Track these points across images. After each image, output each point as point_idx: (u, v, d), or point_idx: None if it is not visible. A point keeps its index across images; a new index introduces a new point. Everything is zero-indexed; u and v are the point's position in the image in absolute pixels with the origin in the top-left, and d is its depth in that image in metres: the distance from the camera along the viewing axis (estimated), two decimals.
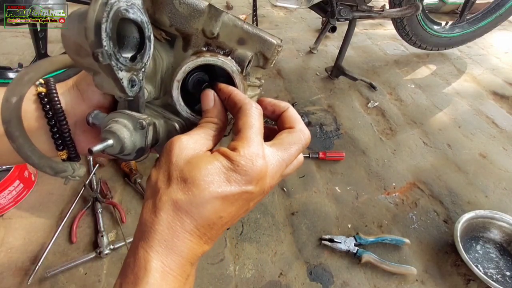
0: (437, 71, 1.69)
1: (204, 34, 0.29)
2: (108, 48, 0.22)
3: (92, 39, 0.21)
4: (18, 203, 0.89)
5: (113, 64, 0.23)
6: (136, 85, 0.26)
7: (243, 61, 0.30)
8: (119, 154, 0.29)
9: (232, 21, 0.29)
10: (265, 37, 0.30)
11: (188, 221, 0.24)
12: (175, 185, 0.24)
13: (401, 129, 1.29)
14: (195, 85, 0.32)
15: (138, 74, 0.26)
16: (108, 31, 0.22)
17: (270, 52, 0.31)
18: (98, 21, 0.21)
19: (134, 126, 0.28)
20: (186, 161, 0.25)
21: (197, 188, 0.24)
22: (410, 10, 1.35)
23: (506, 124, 1.35)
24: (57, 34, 1.67)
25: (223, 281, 0.78)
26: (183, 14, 0.28)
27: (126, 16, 0.23)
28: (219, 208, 0.25)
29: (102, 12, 0.21)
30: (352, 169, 1.10)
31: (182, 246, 0.24)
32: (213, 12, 0.28)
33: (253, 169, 0.25)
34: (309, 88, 1.49)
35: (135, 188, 0.96)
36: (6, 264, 0.77)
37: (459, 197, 1.03)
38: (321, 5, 1.30)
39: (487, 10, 1.69)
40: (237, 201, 0.25)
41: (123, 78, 0.24)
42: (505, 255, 0.88)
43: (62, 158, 0.32)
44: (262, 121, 0.28)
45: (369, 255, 0.82)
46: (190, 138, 0.27)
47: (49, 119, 0.30)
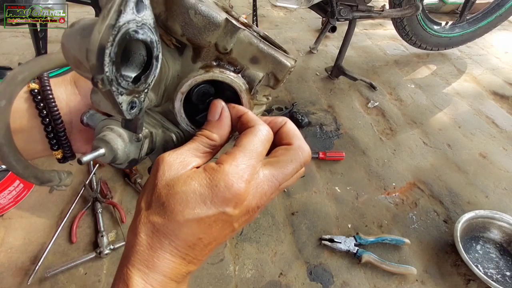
0: (437, 71, 1.69)
1: (217, 48, 0.28)
2: (109, 74, 0.20)
3: (94, 63, 0.20)
4: (18, 203, 0.89)
5: (113, 89, 0.21)
6: (136, 107, 0.24)
7: (253, 81, 0.29)
8: (111, 163, 0.28)
9: (248, 38, 0.28)
10: (280, 59, 0.29)
11: (167, 242, 0.24)
12: (153, 208, 0.24)
13: (401, 129, 1.29)
14: (199, 97, 0.30)
15: (139, 96, 0.24)
16: (112, 55, 0.20)
17: (282, 74, 0.29)
18: (102, 45, 0.19)
19: (129, 137, 0.27)
20: (165, 183, 0.24)
21: (172, 212, 0.23)
22: (410, 10, 1.35)
23: (506, 124, 1.35)
24: (57, 34, 1.67)
25: (223, 281, 0.78)
26: (197, 25, 0.26)
27: (134, 38, 0.21)
28: (196, 230, 0.24)
29: (108, 35, 0.19)
30: (352, 169, 1.10)
31: (163, 265, 0.24)
32: (230, 27, 0.26)
33: (230, 191, 0.23)
34: (309, 88, 1.49)
35: (135, 188, 0.96)
36: (6, 264, 0.77)
37: (459, 197, 1.03)
38: (321, 5, 1.30)
39: (487, 10, 1.69)
40: (215, 222, 0.24)
41: (122, 102, 0.22)
42: (505, 255, 0.88)
43: (57, 158, 0.31)
44: (267, 147, 0.27)
45: (369, 255, 0.82)
46: (177, 156, 0.25)
47: (43, 118, 0.29)
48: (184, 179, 0.24)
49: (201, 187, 0.23)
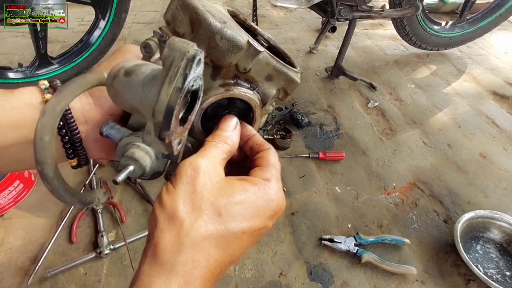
0: (437, 71, 1.69)
1: (237, 68, 0.29)
2: (173, 129, 0.21)
3: (160, 120, 0.20)
4: (18, 203, 0.89)
5: (172, 139, 0.22)
6: (182, 143, 0.25)
7: (267, 97, 0.31)
8: (138, 177, 0.29)
9: (266, 59, 0.29)
10: (292, 77, 0.31)
11: (215, 258, 0.23)
12: (206, 218, 0.23)
13: (401, 129, 1.29)
14: (214, 109, 0.32)
15: (185, 133, 0.26)
16: (177, 114, 0.21)
17: (292, 89, 0.32)
18: (171, 107, 0.20)
19: (156, 154, 0.28)
20: (215, 191, 0.24)
21: (231, 222, 0.23)
22: (410, 10, 1.35)
23: (506, 124, 1.35)
24: (57, 34, 1.67)
25: (223, 281, 0.78)
26: (221, 49, 0.27)
27: (191, 91, 0.22)
28: (245, 244, 0.24)
29: (176, 98, 0.20)
30: (352, 169, 1.10)
31: (199, 284, 0.22)
32: (252, 51, 0.28)
33: (278, 207, 0.25)
34: (309, 88, 1.48)
35: (135, 188, 0.96)
36: (6, 264, 0.77)
37: (459, 197, 1.03)
38: (321, 5, 1.30)
39: (487, 10, 1.69)
40: (257, 234, 0.25)
41: (175, 145, 0.23)
42: (505, 255, 0.88)
43: (72, 165, 0.32)
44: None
45: (369, 255, 0.82)
46: (209, 163, 0.25)
47: (60, 129, 0.29)
48: (239, 191, 0.24)
49: (258, 200, 0.24)
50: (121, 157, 0.28)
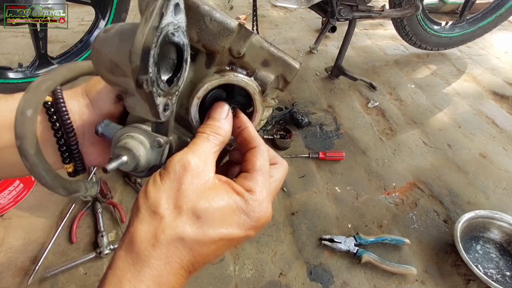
0: (437, 71, 1.69)
1: (231, 53, 0.29)
2: (152, 75, 0.20)
3: (137, 64, 0.20)
4: (18, 203, 0.89)
5: (153, 90, 0.21)
6: (169, 109, 0.25)
7: (265, 83, 0.30)
8: (132, 171, 0.28)
9: (260, 42, 0.29)
10: (289, 61, 0.30)
11: (188, 258, 0.23)
12: (185, 218, 0.23)
13: (401, 129, 1.29)
14: (212, 101, 0.31)
15: (172, 98, 0.25)
16: (155, 57, 0.20)
17: (291, 76, 0.31)
18: (147, 46, 0.19)
19: (151, 143, 0.27)
20: (199, 193, 0.24)
21: (209, 227, 0.23)
22: (410, 10, 1.35)
23: (506, 124, 1.35)
24: (57, 34, 1.67)
25: (223, 281, 0.78)
26: (212, 31, 0.27)
27: (171, 40, 0.21)
28: (221, 248, 0.24)
29: (152, 36, 0.19)
30: (352, 169, 1.10)
31: (174, 281, 0.23)
32: (243, 32, 0.28)
33: (262, 220, 0.25)
34: (309, 88, 1.49)
35: (135, 188, 0.96)
36: (6, 264, 0.77)
37: (459, 197, 1.03)
38: (321, 5, 1.30)
39: (487, 10, 1.69)
40: (236, 241, 0.25)
41: (159, 104, 0.23)
42: (505, 255, 0.88)
43: (68, 172, 0.31)
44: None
45: (369, 255, 0.82)
46: (200, 161, 0.25)
47: (56, 130, 0.28)
48: (221, 195, 0.24)
49: (238, 209, 0.24)
50: (114, 148, 0.27)
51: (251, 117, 0.31)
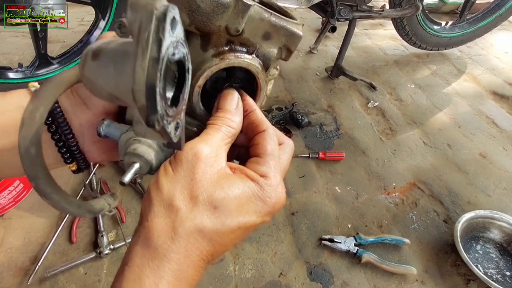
0: (437, 71, 1.69)
1: (228, 31, 0.26)
2: (161, 111, 0.18)
3: (144, 104, 0.17)
4: (18, 203, 0.89)
5: (165, 123, 0.19)
6: (180, 128, 0.22)
7: (268, 59, 0.27)
8: (146, 173, 0.27)
9: (259, 14, 0.25)
10: (292, 30, 0.27)
11: (207, 249, 0.23)
12: (202, 209, 0.22)
13: (401, 129, 1.29)
14: (212, 84, 0.29)
15: (180, 115, 0.22)
16: (161, 92, 0.17)
17: (295, 45, 0.28)
18: (152, 83, 0.16)
19: (159, 144, 0.26)
20: (214, 183, 0.23)
21: (227, 217, 0.23)
22: (410, 10, 1.35)
23: (506, 124, 1.35)
24: (57, 34, 1.67)
25: (223, 281, 0.78)
26: (205, 11, 0.24)
27: (173, 61, 0.19)
28: (240, 236, 0.24)
29: (154, 70, 0.16)
30: (352, 169, 1.10)
31: (194, 274, 0.22)
32: (241, 6, 0.24)
33: (276, 204, 0.25)
34: (309, 88, 1.49)
35: (135, 188, 0.96)
36: (6, 264, 0.77)
37: (459, 197, 1.03)
38: (321, 5, 1.31)
39: (487, 10, 1.69)
40: (253, 227, 0.25)
41: (171, 130, 0.20)
42: (505, 255, 0.88)
43: (72, 170, 0.30)
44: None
45: (369, 255, 0.82)
46: (211, 150, 0.24)
47: (53, 133, 0.27)
48: (236, 183, 0.24)
49: (254, 195, 0.24)
50: (124, 155, 0.26)
51: (256, 95, 0.29)
